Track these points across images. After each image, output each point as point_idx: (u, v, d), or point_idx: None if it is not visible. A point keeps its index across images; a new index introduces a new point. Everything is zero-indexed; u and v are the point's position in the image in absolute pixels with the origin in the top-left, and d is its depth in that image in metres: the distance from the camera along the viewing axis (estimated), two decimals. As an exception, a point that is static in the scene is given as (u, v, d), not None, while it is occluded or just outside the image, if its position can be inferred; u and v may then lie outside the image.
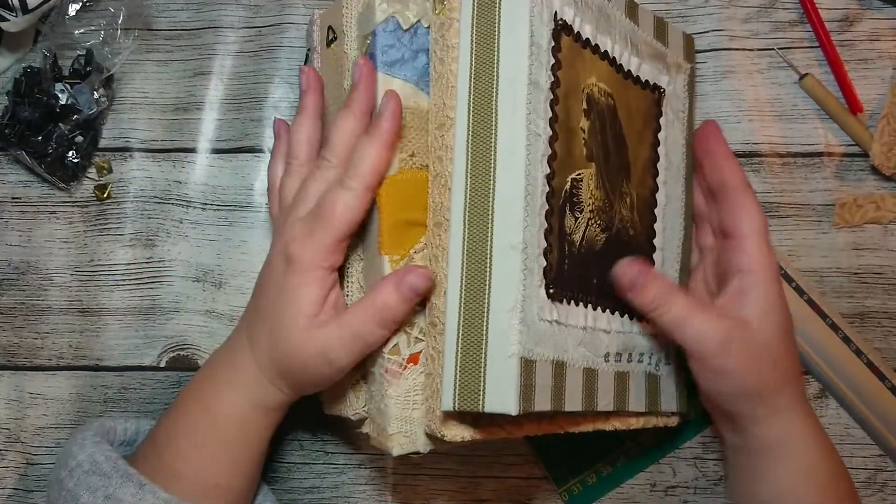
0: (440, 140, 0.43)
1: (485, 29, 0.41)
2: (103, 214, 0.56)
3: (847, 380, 0.54)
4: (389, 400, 0.43)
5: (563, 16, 0.43)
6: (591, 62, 0.45)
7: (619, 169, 0.47)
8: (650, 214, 0.49)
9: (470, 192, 0.41)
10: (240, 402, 0.45)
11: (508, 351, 0.38)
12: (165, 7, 0.58)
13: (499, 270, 0.40)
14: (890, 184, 0.56)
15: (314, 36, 0.51)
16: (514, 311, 0.39)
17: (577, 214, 0.44)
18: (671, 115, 0.51)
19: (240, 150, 0.57)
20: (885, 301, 0.56)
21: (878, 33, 0.57)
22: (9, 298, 0.56)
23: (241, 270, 0.56)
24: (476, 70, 0.41)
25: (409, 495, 0.55)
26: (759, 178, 0.56)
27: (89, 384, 0.55)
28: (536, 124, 0.41)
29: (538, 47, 0.41)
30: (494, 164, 0.40)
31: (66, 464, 0.43)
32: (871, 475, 0.55)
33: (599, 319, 0.45)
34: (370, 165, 0.42)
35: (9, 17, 0.52)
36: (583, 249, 0.44)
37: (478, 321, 0.39)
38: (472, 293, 0.40)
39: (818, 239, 0.56)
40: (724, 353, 0.43)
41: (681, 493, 0.55)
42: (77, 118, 0.54)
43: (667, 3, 0.58)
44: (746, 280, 0.45)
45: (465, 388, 0.39)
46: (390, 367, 0.43)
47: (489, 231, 0.40)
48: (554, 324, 0.41)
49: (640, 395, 0.47)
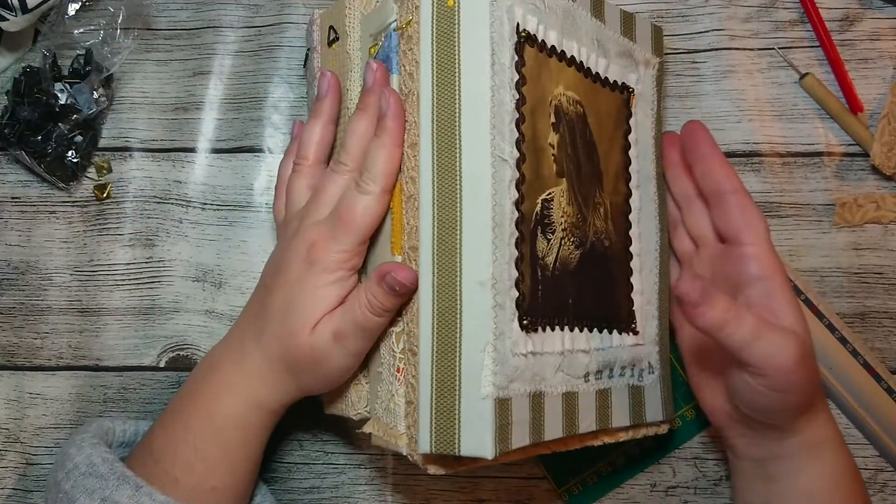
0: (412, 160, 0.42)
1: (445, 46, 0.40)
2: (103, 214, 0.56)
3: (844, 381, 0.54)
4: (400, 399, 0.42)
5: (526, 25, 0.42)
6: (558, 71, 0.44)
7: (592, 179, 0.46)
8: (625, 222, 0.48)
9: (438, 222, 0.40)
10: (241, 404, 0.45)
11: (482, 392, 0.38)
12: (165, 7, 0.58)
13: (469, 307, 0.38)
14: (890, 184, 0.56)
15: (314, 35, 0.51)
16: (486, 351, 0.38)
17: (549, 236, 0.43)
18: (641, 115, 0.50)
19: (240, 150, 0.57)
20: (886, 301, 0.56)
21: (878, 33, 0.57)
22: (9, 298, 0.56)
23: (241, 270, 0.56)
24: (438, 91, 0.40)
25: (409, 495, 0.55)
26: (759, 178, 0.56)
27: (89, 384, 0.55)
28: (501, 149, 0.39)
29: (500, 65, 0.40)
30: (460, 192, 0.39)
31: (64, 465, 0.43)
32: (871, 475, 0.55)
33: (577, 340, 0.44)
34: (383, 168, 0.42)
35: (8, 16, 0.52)
36: (556, 272, 0.43)
37: (450, 360, 0.39)
38: (444, 330, 0.39)
39: (818, 239, 0.56)
40: (798, 370, 0.42)
41: (681, 493, 0.55)
42: (77, 118, 0.54)
43: (667, 3, 0.58)
44: (768, 288, 0.45)
45: (441, 430, 0.38)
46: (401, 366, 0.43)
47: (458, 265, 0.39)
48: (529, 356, 0.40)
49: (624, 410, 0.46)
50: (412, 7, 0.42)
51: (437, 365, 0.39)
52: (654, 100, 0.51)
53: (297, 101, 0.57)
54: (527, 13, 0.42)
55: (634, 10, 0.57)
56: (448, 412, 0.38)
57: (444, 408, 0.38)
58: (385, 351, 0.44)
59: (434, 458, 0.41)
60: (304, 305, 0.43)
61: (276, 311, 0.44)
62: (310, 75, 0.52)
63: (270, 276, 0.46)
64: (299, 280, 0.43)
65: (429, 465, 0.41)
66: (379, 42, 0.45)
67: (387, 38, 0.45)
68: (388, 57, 0.44)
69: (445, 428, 0.38)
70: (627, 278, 0.48)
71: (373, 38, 0.46)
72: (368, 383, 0.46)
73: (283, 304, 0.44)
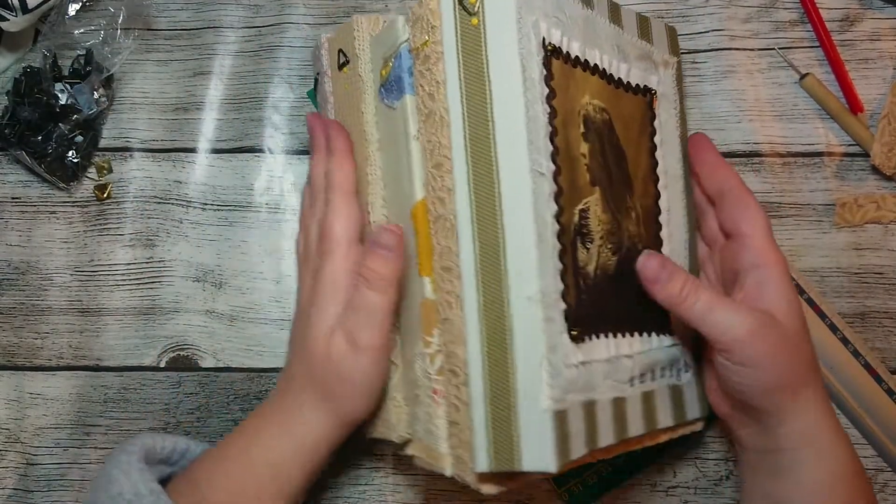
0: (439, 181, 0.41)
1: (472, 65, 0.40)
2: (103, 214, 0.56)
3: (844, 381, 0.54)
4: (439, 421, 0.42)
5: (551, 39, 0.42)
6: (583, 80, 0.44)
7: (622, 185, 0.46)
8: (655, 223, 0.49)
9: (479, 240, 0.39)
10: (276, 448, 0.45)
11: (541, 406, 0.38)
12: (165, 7, 0.58)
13: (520, 323, 0.38)
14: (890, 184, 0.56)
15: (323, 60, 0.51)
16: (542, 366, 0.38)
17: (588, 245, 0.43)
18: (664, 115, 0.50)
19: (240, 150, 0.57)
20: (886, 301, 0.56)
21: (878, 33, 0.57)
22: (9, 298, 0.56)
23: (241, 270, 0.56)
24: (469, 111, 0.40)
25: (409, 495, 0.55)
26: (759, 178, 0.56)
27: (89, 384, 0.55)
28: (539, 163, 0.39)
29: (531, 81, 0.40)
30: (501, 210, 0.39)
31: (108, 489, 0.42)
32: (870, 475, 0.55)
33: (621, 345, 0.44)
34: (338, 177, 0.47)
35: (9, 16, 0.52)
36: (597, 280, 0.43)
37: (503, 377, 0.39)
38: (495, 347, 0.39)
39: (819, 239, 0.56)
40: (754, 342, 0.43)
41: (681, 493, 0.55)
42: (77, 118, 0.54)
43: (667, 3, 0.58)
44: (763, 274, 0.45)
45: (500, 448, 0.38)
46: (438, 387, 0.43)
47: (504, 282, 0.39)
48: (580, 366, 0.40)
49: (667, 410, 0.46)
50: (427, 27, 0.42)
51: (489, 383, 0.39)
52: (676, 99, 0.52)
53: (298, 101, 0.57)
54: (551, 26, 0.42)
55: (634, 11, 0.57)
56: (505, 429, 0.38)
57: (501, 425, 0.38)
58: (420, 373, 0.44)
59: (488, 477, 0.40)
60: (315, 321, 0.45)
61: (296, 338, 0.46)
62: (321, 99, 0.52)
63: (295, 313, 0.48)
64: (311, 303, 0.46)
65: (483, 485, 0.40)
66: (390, 63, 0.45)
67: (397, 58, 0.44)
68: (399, 77, 0.44)
69: (504, 445, 0.38)
70: None
71: (383, 61, 0.46)
72: (408, 405, 0.46)
73: (301, 331, 0.46)
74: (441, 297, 0.42)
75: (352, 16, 0.48)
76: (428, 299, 0.43)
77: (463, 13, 0.40)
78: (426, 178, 0.43)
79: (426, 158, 0.42)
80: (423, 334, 0.43)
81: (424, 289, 0.43)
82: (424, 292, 0.43)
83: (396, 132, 0.45)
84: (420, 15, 0.42)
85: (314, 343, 0.44)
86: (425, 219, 0.43)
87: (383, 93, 0.46)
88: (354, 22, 0.48)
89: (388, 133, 0.46)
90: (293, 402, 0.45)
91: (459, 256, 0.40)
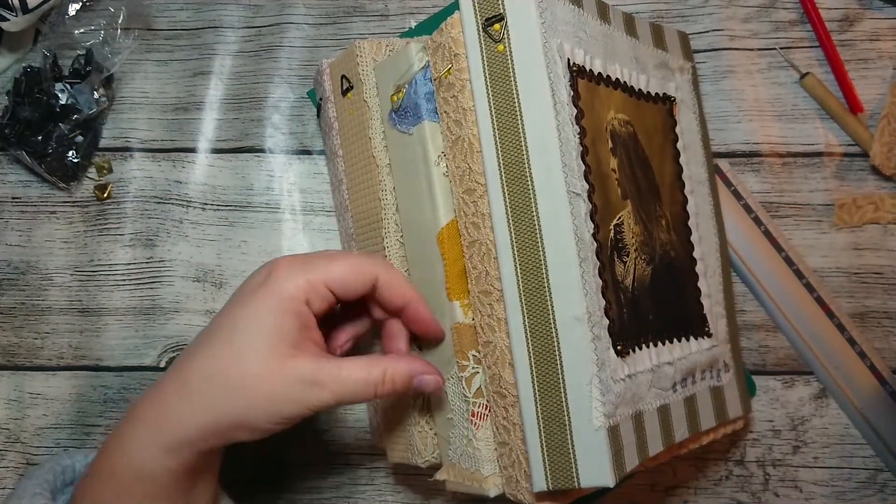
0: (472, 206, 0.42)
1: (501, 91, 0.40)
2: (103, 214, 0.56)
3: (848, 381, 0.54)
4: (479, 443, 0.43)
5: (575, 59, 0.42)
6: (607, 96, 0.44)
7: (651, 194, 0.47)
8: (685, 229, 0.49)
9: (520, 263, 0.40)
10: (141, 447, 0.38)
11: (595, 424, 0.38)
12: (165, 7, 0.58)
13: (567, 343, 0.39)
14: (890, 184, 0.56)
15: (325, 85, 0.51)
16: (592, 384, 0.38)
17: (625, 258, 0.43)
18: (685, 121, 0.51)
19: (240, 150, 0.57)
20: (885, 301, 0.56)
21: (878, 33, 0.57)
22: (9, 298, 0.56)
23: (241, 270, 0.56)
24: (501, 137, 0.40)
25: (409, 495, 0.55)
26: (759, 178, 0.56)
27: (89, 384, 0.55)
28: (574, 184, 0.39)
29: (560, 103, 0.40)
30: (540, 232, 0.39)
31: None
32: (871, 475, 0.55)
33: (662, 354, 0.44)
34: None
35: (9, 16, 0.52)
36: (635, 292, 0.44)
37: (555, 397, 0.39)
38: (544, 368, 0.39)
39: (818, 239, 0.56)
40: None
41: (681, 492, 0.55)
42: (77, 118, 0.54)
43: (667, 3, 0.58)
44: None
45: (557, 466, 0.39)
46: (477, 410, 0.43)
47: (549, 303, 0.39)
48: (627, 379, 0.41)
49: (709, 412, 0.47)
50: (450, 55, 0.42)
51: (541, 404, 0.39)
52: (695, 103, 0.52)
53: (298, 101, 0.57)
54: (574, 47, 0.42)
55: (634, 11, 0.57)
56: (561, 448, 0.39)
57: (555, 444, 0.39)
58: (455, 396, 0.44)
59: (545, 496, 0.41)
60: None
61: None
62: (325, 125, 0.52)
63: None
64: None
65: (539, 503, 0.41)
66: (402, 90, 0.45)
67: (411, 85, 0.44)
68: (415, 104, 0.44)
69: (561, 464, 0.39)
70: (695, 283, 0.49)
71: (395, 87, 0.46)
72: (433, 429, 0.46)
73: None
74: (481, 320, 0.42)
75: (353, 41, 0.49)
76: (461, 323, 0.43)
77: (488, 40, 0.40)
78: (457, 203, 0.43)
79: (455, 184, 0.43)
80: (457, 358, 0.43)
81: (455, 313, 0.43)
82: (455, 316, 0.43)
83: (413, 158, 0.45)
84: (441, 43, 0.42)
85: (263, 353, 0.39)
86: (452, 244, 0.43)
87: (395, 118, 0.46)
88: (356, 47, 0.48)
89: (401, 158, 0.46)
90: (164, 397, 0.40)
91: (501, 280, 0.40)
